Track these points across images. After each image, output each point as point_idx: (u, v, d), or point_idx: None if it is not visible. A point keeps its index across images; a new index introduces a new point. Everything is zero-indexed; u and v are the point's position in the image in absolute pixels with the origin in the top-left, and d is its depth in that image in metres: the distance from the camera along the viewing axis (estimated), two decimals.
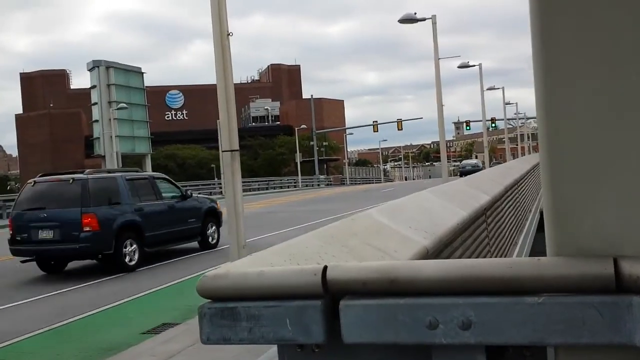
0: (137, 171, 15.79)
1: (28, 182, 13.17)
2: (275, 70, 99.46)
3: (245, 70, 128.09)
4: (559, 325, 0.95)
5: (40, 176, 13.05)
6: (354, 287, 1.04)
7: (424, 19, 20.34)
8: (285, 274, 1.10)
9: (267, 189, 56.30)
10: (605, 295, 0.95)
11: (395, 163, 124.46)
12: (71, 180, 12.23)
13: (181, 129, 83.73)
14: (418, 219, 3.62)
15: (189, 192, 15.35)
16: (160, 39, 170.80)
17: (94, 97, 46.46)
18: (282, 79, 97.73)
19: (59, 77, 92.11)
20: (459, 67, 32.35)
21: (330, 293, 1.05)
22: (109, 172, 14.54)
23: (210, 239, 15.07)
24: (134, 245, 12.46)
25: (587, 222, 0.99)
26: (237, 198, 6.44)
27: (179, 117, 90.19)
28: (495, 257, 6.16)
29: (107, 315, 8.53)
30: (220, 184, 50.61)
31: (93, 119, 47.55)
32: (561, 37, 0.98)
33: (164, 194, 14.11)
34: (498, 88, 45.00)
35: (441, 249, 3.46)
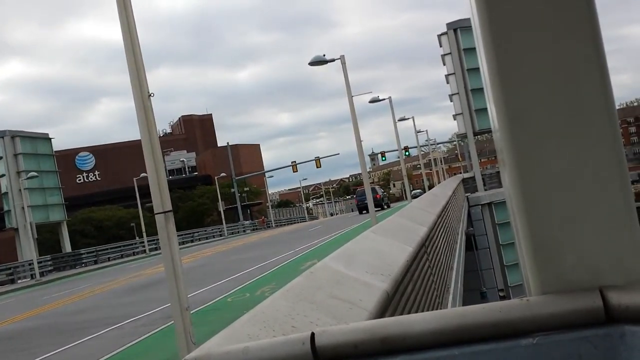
0: (379, 184, 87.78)
1: (357, 189, 61.90)
2: (187, 121, 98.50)
3: (156, 124, 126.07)
4: None
5: (358, 190, 57.49)
6: (345, 351, 1.02)
7: (333, 60, 20.89)
8: (272, 347, 1.06)
9: (192, 241, 55.09)
10: (597, 327, 0.96)
11: (317, 200, 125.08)
12: (373, 188, 41.81)
13: (95, 190, 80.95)
14: (372, 262, 3.67)
15: (382, 190, 59.91)
16: (65, 101, 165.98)
17: (1, 168, 44.28)
18: (195, 129, 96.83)
19: None
20: (370, 101, 33.26)
21: None
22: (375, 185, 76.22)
23: (389, 205, 52.31)
24: (383, 203, 49.17)
25: (569, 255, 1.00)
26: (175, 260, 6.28)
27: (91, 178, 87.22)
28: (438, 285, 6.29)
29: None
30: (143, 242, 49.16)
31: (2, 192, 45.23)
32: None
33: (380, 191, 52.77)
34: (408, 118, 46.53)
35: (397, 288, 3.52)
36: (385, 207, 49.11)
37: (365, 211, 43.45)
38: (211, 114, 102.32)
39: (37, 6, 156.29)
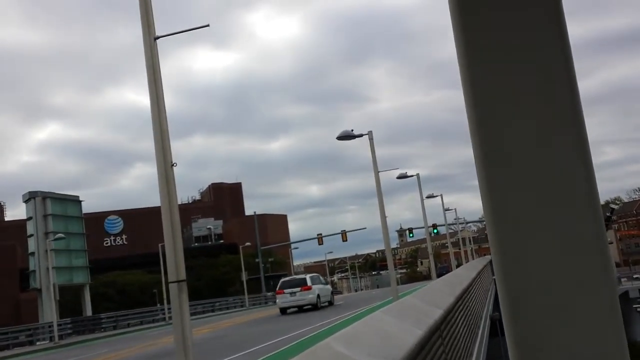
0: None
1: (441, 265, 73.09)
2: (217, 189, 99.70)
3: (186, 190, 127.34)
4: None
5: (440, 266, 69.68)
6: None
7: (360, 135, 21.14)
8: None
9: (212, 310, 54.51)
10: None
11: (342, 274, 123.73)
12: (446, 266, 61.06)
13: (121, 254, 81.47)
14: (376, 344, 3.53)
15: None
16: (99, 164, 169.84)
17: (30, 228, 45.05)
18: (224, 197, 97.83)
19: None
20: (398, 177, 33.31)
21: None
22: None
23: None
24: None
25: (553, 357, 0.97)
26: (185, 331, 6.17)
27: (118, 242, 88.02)
28: None
29: None
30: (163, 309, 48.80)
31: (29, 251, 45.80)
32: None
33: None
34: (437, 195, 46.24)
35: None
36: None
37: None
38: (240, 183, 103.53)
39: (77, 73, 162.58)
